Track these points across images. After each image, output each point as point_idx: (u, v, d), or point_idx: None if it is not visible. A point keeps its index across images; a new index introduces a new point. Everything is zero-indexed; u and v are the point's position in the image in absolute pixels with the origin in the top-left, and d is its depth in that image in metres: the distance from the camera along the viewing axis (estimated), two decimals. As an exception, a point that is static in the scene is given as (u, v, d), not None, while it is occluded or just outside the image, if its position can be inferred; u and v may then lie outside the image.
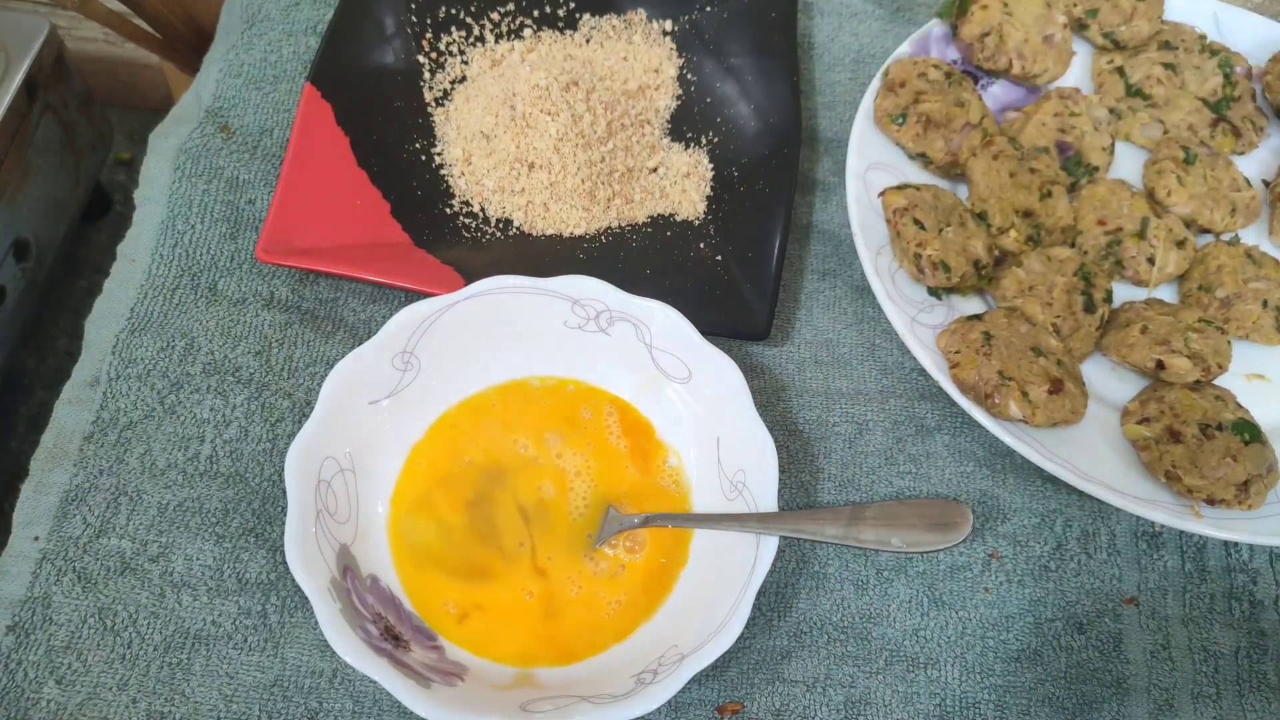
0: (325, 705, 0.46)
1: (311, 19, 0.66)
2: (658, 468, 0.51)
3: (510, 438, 0.51)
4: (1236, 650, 0.50)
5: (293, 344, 0.55)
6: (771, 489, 0.47)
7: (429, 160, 0.61)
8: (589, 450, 0.51)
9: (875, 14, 0.70)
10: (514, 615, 0.47)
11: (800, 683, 0.48)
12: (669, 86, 0.64)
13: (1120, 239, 0.57)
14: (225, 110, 0.62)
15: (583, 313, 0.51)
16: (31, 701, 0.46)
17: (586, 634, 0.47)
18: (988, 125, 0.60)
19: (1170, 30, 0.65)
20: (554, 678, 0.46)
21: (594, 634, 0.47)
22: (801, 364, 0.57)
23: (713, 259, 0.58)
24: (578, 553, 0.49)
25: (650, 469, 0.51)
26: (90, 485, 0.50)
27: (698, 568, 0.48)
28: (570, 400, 0.52)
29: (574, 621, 0.47)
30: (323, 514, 0.46)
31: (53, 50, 1.03)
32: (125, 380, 0.53)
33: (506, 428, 0.51)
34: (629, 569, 0.48)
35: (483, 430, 0.51)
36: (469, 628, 0.47)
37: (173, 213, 0.58)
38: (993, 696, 0.48)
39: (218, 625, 0.48)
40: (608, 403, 0.52)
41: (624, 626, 0.47)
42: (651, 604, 0.48)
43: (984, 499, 0.53)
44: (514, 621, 0.47)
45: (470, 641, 0.47)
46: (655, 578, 0.48)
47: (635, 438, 0.52)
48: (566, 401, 0.52)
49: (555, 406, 0.52)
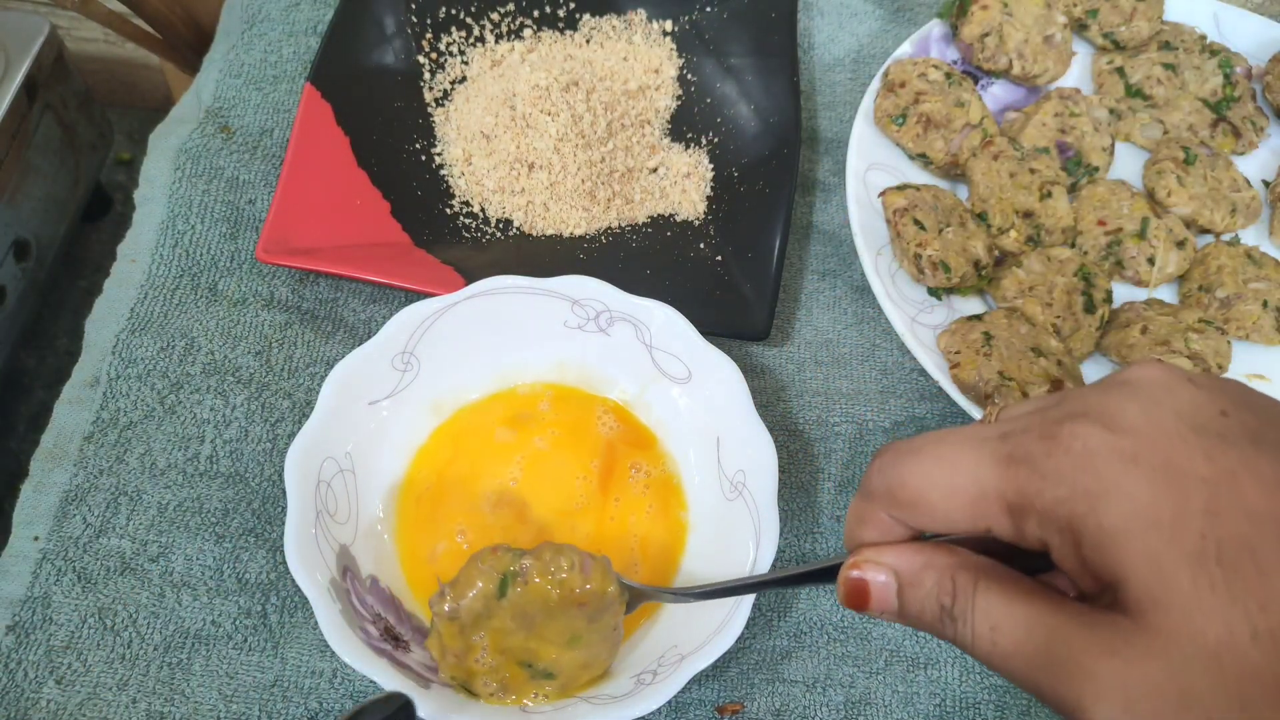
0: (325, 705, 0.46)
1: (311, 19, 0.66)
2: (657, 466, 0.51)
3: (510, 438, 0.51)
4: (1236, 650, 0.50)
5: (293, 344, 0.55)
6: (771, 489, 0.47)
7: (429, 160, 0.61)
8: (590, 450, 0.51)
9: (875, 14, 0.70)
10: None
11: (800, 683, 0.48)
12: (669, 87, 0.64)
13: (1120, 239, 0.57)
14: (225, 110, 0.62)
15: (583, 313, 0.51)
16: (31, 701, 0.46)
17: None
18: (988, 125, 0.60)
19: (1170, 30, 0.65)
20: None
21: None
22: (801, 364, 0.57)
23: (713, 259, 0.58)
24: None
25: (650, 468, 0.51)
26: (90, 485, 0.50)
27: (697, 567, 0.48)
28: (570, 401, 0.52)
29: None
30: (323, 514, 0.46)
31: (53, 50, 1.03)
32: (125, 380, 0.53)
33: (507, 428, 0.51)
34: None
35: (483, 431, 0.51)
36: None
37: (173, 213, 0.58)
38: (993, 697, 0.48)
39: (218, 625, 0.48)
40: (608, 404, 0.52)
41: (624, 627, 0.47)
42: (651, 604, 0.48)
43: (984, 499, 0.53)
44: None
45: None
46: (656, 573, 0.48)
47: (635, 438, 0.52)
48: (566, 401, 0.52)
49: (555, 407, 0.52)
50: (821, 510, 0.52)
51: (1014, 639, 0.28)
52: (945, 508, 0.30)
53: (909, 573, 0.31)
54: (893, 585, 0.31)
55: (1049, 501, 0.27)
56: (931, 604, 0.30)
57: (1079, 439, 0.28)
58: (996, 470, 0.29)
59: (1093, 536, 0.27)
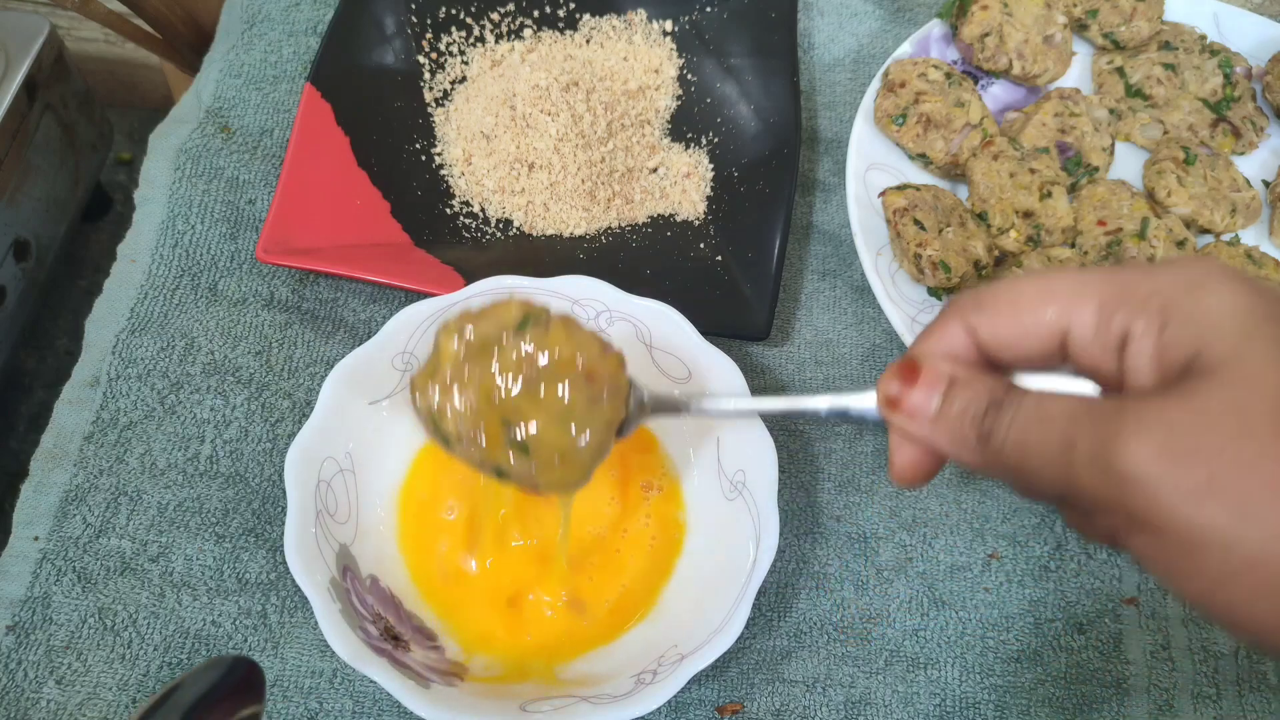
0: (325, 705, 0.46)
1: (311, 19, 0.66)
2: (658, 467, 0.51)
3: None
4: (1236, 650, 0.50)
5: (293, 344, 0.55)
6: (771, 489, 0.47)
7: (429, 160, 0.61)
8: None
9: (875, 14, 0.70)
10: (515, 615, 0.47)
11: (800, 683, 0.48)
12: (669, 87, 0.64)
13: (1120, 239, 0.57)
14: (225, 110, 0.62)
15: (583, 313, 0.51)
16: (31, 701, 0.46)
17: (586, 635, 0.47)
18: (988, 125, 0.60)
19: (1170, 30, 0.65)
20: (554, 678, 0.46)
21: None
22: (801, 364, 0.57)
23: (713, 259, 0.58)
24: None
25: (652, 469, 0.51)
26: (90, 485, 0.50)
27: (696, 567, 0.48)
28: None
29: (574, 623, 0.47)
30: (322, 514, 0.46)
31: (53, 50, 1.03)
32: (125, 380, 0.53)
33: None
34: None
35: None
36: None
37: (173, 213, 0.58)
38: (993, 697, 0.48)
39: (218, 625, 0.48)
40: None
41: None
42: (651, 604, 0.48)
43: (984, 499, 0.53)
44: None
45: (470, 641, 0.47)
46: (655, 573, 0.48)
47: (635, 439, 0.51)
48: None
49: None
50: (821, 510, 0.52)
51: (1051, 419, 0.28)
52: (1034, 305, 0.30)
53: (964, 373, 0.31)
54: (943, 380, 0.31)
55: (1147, 291, 0.28)
56: (978, 404, 0.30)
57: (1184, 260, 0.29)
58: (1101, 273, 0.30)
59: (1185, 314, 0.27)
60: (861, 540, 0.52)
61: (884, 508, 0.53)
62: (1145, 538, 0.26)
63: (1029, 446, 0.28)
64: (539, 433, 0.39)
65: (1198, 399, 0.26)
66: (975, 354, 0.32)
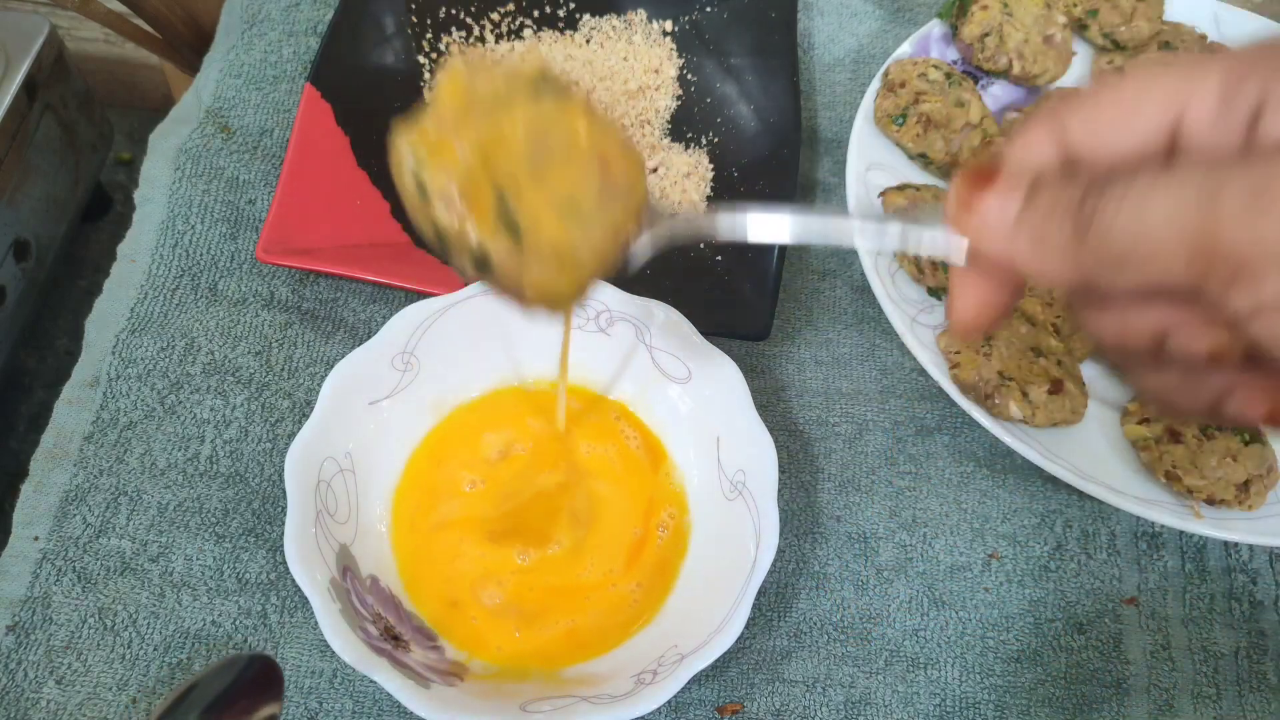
0: (325, 705, 0.46)
1: (311, 19, 0.66)
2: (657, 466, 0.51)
3: (509, 438, 0.51)
4: (1236, 650, 0.50)
5: (293, 344, 0.55)
6: (771, 489, 0.47)
7: (429, 160, 0.61)
8: (590, 450, 0.51)
9: (875, 14, 0.70)
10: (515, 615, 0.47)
11: (800, 683, 0.48)
12: (669, 87, 0.64)
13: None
14: (225, 110, 0.62)
15: (583, 313, 0.51)
16: (31, 701, 0.46)
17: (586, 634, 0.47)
18: (988, 125, 0.60)
19: (1170, 30, 0.65)
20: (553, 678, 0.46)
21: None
22: (801, 364, 0.57)
23: (713, 259, 0.58)
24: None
25: (651, 468, 0.51)
26: (90, 485, 0.50)
27: (697, 567, 0.48)
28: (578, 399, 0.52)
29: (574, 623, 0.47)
30: (322, 514, 0.46)
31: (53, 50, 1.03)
32: (125, 380, 0.53)
33: (506, 427, 0.51)
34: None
35: (483, 430, 0.51)
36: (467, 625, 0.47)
37: (173, 213, 0.58)
38: (993, 697, 0.48)
39: (218, 625, 0.48)
40: (609, 405, 0.52)
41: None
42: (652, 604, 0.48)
43: (984, 499, 0.53)
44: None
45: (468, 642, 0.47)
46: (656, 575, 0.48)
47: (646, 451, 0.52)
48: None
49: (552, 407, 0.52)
50: (821, 510, 0.52)
51: (1185, 179, 0.24)
52: (1142, 92, 0.26)
53: (1052, 170, 0.27)
54: (1025, 178, 0.27)
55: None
56: (1073, 191, 0.25)
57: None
58: (1218, 54, 0.26)
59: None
60: (861, 540, 0.52)
61: (884, 508, 0.53)
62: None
63: (1152, 214, 0.24)
64: (535, 215, 0.33)
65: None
66: (1060, 168, 0.28)
